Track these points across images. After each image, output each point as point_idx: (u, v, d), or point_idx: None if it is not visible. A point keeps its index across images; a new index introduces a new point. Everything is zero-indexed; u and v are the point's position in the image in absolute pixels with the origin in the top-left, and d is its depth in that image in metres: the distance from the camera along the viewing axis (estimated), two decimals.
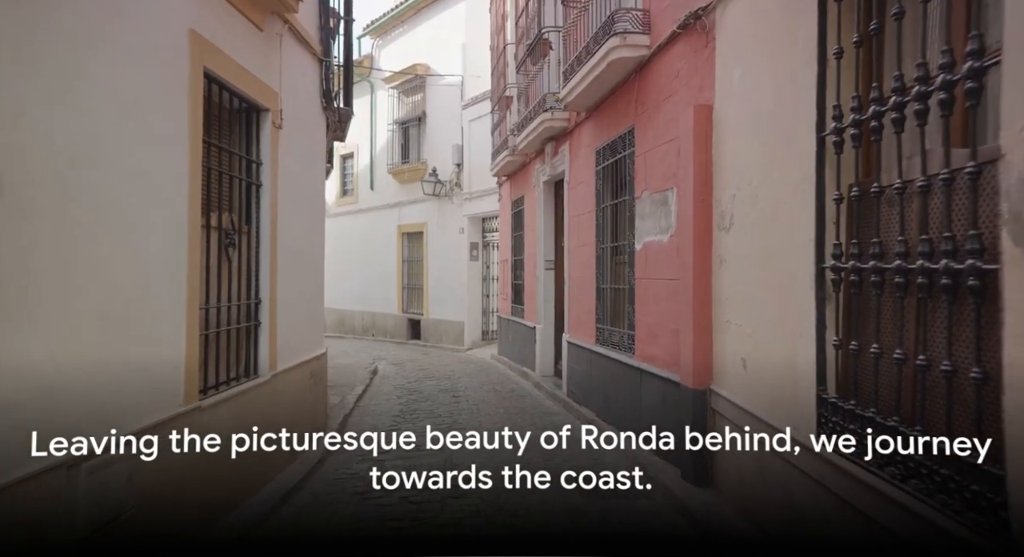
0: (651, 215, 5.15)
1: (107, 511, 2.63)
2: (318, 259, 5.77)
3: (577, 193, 7.31)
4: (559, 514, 3.93)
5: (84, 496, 2.47)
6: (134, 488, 2.75)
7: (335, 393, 7.82)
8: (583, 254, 7.04)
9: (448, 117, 14.49)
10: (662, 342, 4.90)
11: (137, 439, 2.62)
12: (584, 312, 6.97)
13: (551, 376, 8.96)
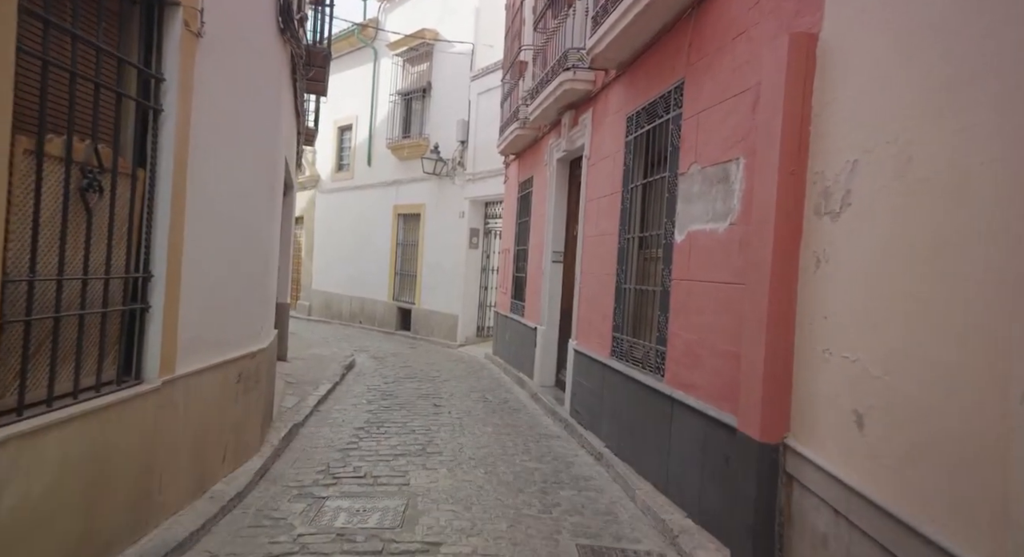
0: (701, 196, 3.88)
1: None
2: (267, 231, 4.50)
3: (598, 171, 6.03)
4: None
5: None
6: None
7: (296, 391, 6.58)
8: (601, 245, 5.77)
9: (455, 89, 13.20)
10: (708, 367, 3.64)
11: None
12: (598, 316, 5.70)
13: (551, 387, 7.71)
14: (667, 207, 4.39)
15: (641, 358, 4.72)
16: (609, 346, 5.35)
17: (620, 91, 5.52)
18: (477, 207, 12.83)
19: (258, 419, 4.34)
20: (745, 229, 3.33)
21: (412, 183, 14.33)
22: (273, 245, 4.77)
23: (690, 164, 4.06)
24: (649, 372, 4.52)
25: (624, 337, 5.07)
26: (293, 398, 6.27)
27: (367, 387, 7.59)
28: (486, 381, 8.60)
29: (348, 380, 7.99)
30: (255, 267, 4.23)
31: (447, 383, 8.20)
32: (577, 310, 6.40)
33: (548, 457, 5.08)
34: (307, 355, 9.31)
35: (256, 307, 4.31)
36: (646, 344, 4.64)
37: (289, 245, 8.06)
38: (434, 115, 13.85)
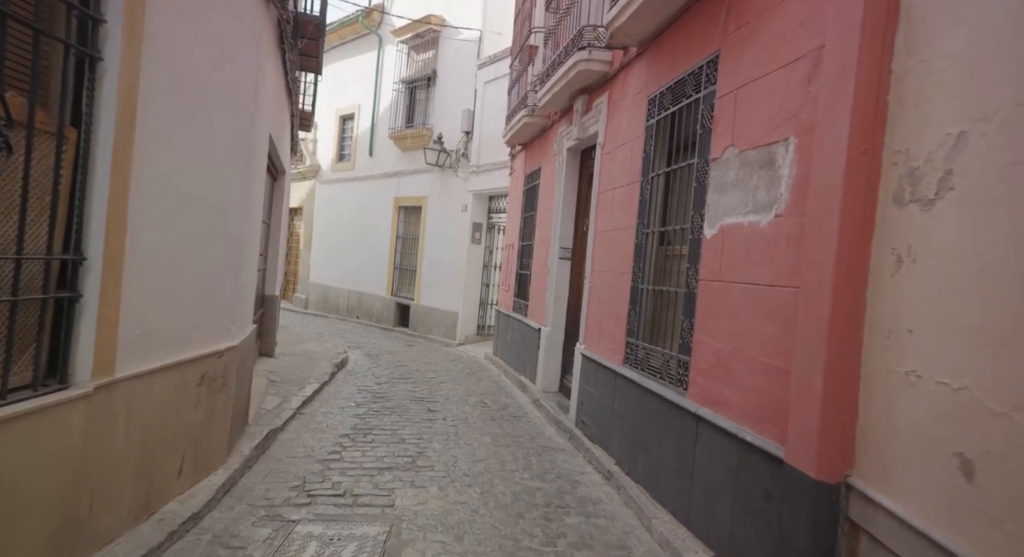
0: (738, 184, 3.36)
1: None
2: (243, 214, 3.98)
3: (614, 160, 5.51)
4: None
5: None
6: None
7: (279, 391, 6.07)
8: (616, 241, 5.25)
9: (461, 78, 12.67)
10: (743, 382, 3.12)
11: None
12: (610, 319, 5.18)
13: (555, 393, 7.19)
14: (695, 198, 3.87)
15: (660, 368, 4.20)
16: (622, 353, 4.83)
17: (641, 70, 5.00)
18: (481, 201, 12.31)
19: (226, 426, 3.83)
20: (796, 222, 2.81)
21: (414, 175, 13.82)
22: (250, 230, 4.25)
23: (724, 148, 3.54)
24: (669, 384, 4.00)
25: (640, 343, 4.55)
26: (275, 399, 5.77)
27: (357, 388, 7.08)
28: (485, 384, 8.09)
29: (338, 380, 7.48)
30: (225, 254, 3.71)
31: (443, 385, 7.69)
32: (586, 311, 5.88)
33: (551, 474, 4.56)
34: (297, 351, 8.80)
35: (227, 299, 3.80)
36: (666, 352, 4.12)
37: (279, 233, 7.55)
38: (438, 105, 13.33)
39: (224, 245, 3.66)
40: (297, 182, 18.23)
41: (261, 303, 7.31)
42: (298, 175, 18.08)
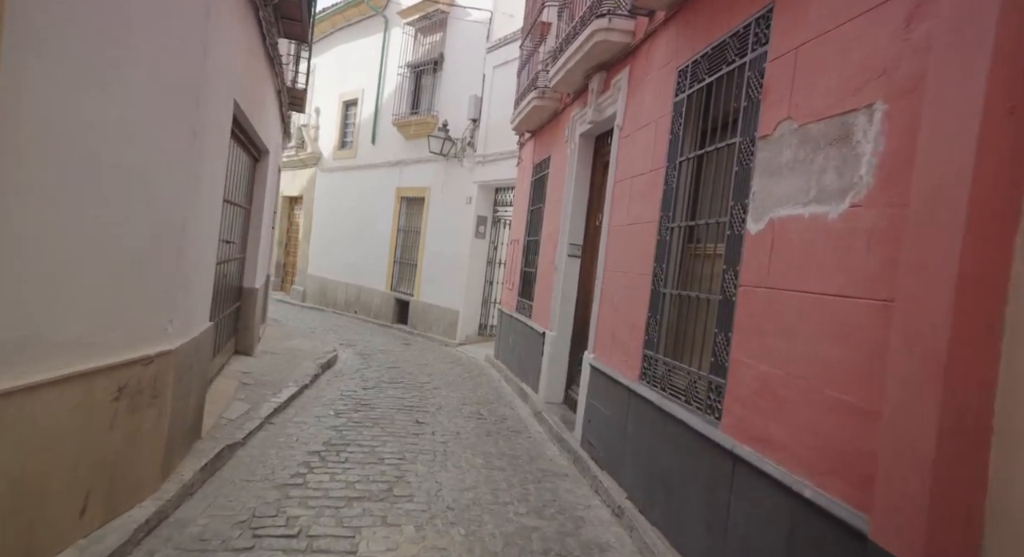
0: (797, 166, 2.65)
1: None
2: (186, 190, 3.30)
3: (634, 144, 4.81)
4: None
5: None
6: None
7: (250, 396, 5.42)
8: (634, 237, 4.55)
9: (469, 62, 11.97)
10: (800, 418, 2.42)
11: None
12: (624, 326, 4.49)
13: (559, 404, 6.51)
14: (735, 185, 3.16)
15: (685, 389, 3.50)
16: (638, 367, 4.14)
17: (670, 38, 4.29)
18: (486, 192, 11.62)
19: (158, 446, 3.16)
20: (884, 213, 2.11)
21: (417, 164, 13.15)
22: (201, 211, 3.57)
23: (778, 123, 2.84)
24: (697, 410, 3.30)
25: (660, 357, 3.86)
26: (242, 406, 5.11)
27: (341, 393, 6.41)
28: (483, 391, 7.41)
29: (321, 382, 6.82)
30: (157, 237, 3.04)
31: (437, 392, 7.01)
32: (597, 316, 5.19)
33: (552, 508, 3.88)
34: (282, 349, 8.15)
35: (161, 292, 3.13)
36: (693, 371, 3.42)
37: (262, 219, 6.89)
38: (445, 91, 12.64)
39: (154, 226, 2.99)
40: (298, 170, 17.61)
41: (238, 296, 6.66)
42: (299, 163, 17.46)
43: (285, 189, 18.22)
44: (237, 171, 5.54)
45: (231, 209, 5.45)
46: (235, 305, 6.52)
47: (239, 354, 6.85)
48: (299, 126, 17.48)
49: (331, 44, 17.06)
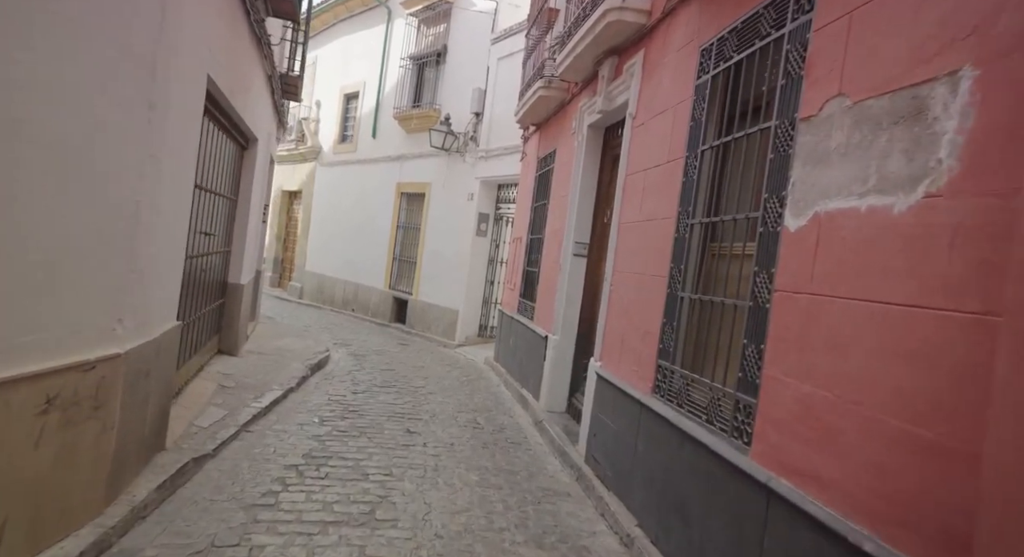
0: (852, 150, 2.24)
1: None
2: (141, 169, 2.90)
3: (648, 134, 4.40)
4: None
5: None
6: None
7: (228, 401, 5.02)
8: (647, 235, 4.15)
9: (473, 54, 11.57)
10: (857, 452, 2.00)
11: None
12: (636, 333, 4.08)
13: (561, 413, 6.10)
14: (770, 175, 2.75)
15: (706, 407, 3.09)
16: (651, 379, 3.73)
17: (691, 15, 3.88)
18: (488, 189, 11.22)
19: (103, 464, 2.75)
20: (975, 205, 1.70)
21: (418, 159, 12.75)
22: (161, 195, 3.17)
23: (825, 101, 2.42)
24: (721, 432, 2.89)
25: (676, 369, 3.45)
26: (218, 412, 4.70)
27: (328, 398, 6.01)
28: (481, 396, 7.00)
29: (309, 386, 6.42)
30: (101, 222, 2.63)
31: (433, 397, 6.61)
32: (604, 321, 4.77)
33: (553, 536, 3.47)
34: (270, 348, 7.75)
35: (106, 287, 2.73)
36: (716, 387, 3.01)
37: (249, 212, 6.49)
38: (448, 83, 12.24)
39: (97, 210, 2.58)
40: (298, 164, 17.23)
41: (221, 292, 6.26)
42: (298, 157, 17.08)
43: (284, 183, 17.86)
44: (218, 158, 5.14)
45: (211, 198, 5.05)
46: (218, 302, 6.12)
47: (223, 354, 6.46)
48: (299, 119, 17.10)
49: (333, 36, 16.67)
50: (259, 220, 7.62)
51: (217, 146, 5.01)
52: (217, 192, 5.31)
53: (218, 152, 5.09)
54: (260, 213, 7.62)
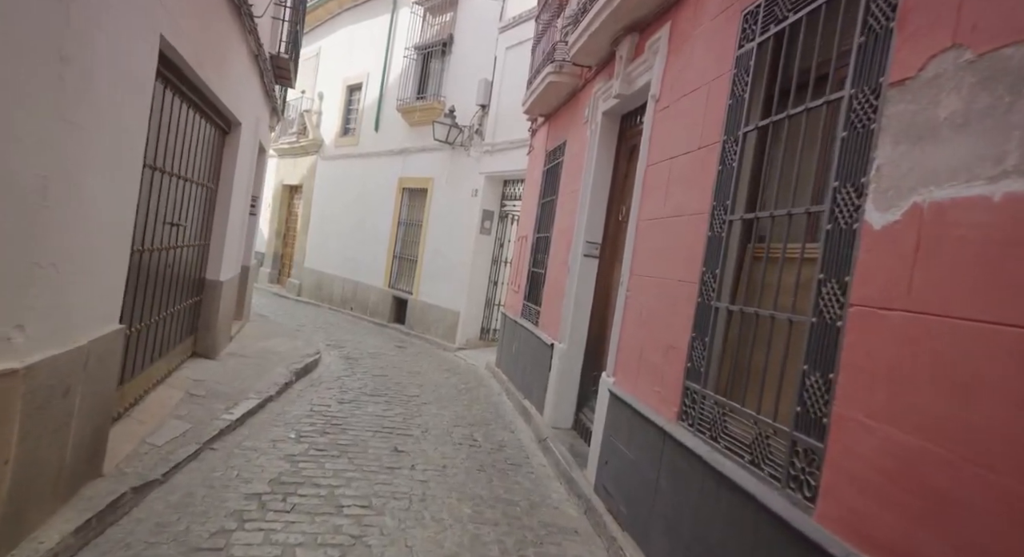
0: (975, 120, 1.66)
1: None
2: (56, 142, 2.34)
3: (675, 116, 3.82)
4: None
5: None
6: None
7: (194, 413, 4.48)
8: (673, 233, 3.57)
9: (480, 44, 11.01)
10: (984, 542, 1.43)
11: None
12: (657, 347, 3.50)
13: (568, 430, 5.52)
14: (843, 158, 2.17)
15: (751, 445, 2.50)
16: (676, 402, 3.15)
17: None
18: (493, 185, 10.65)
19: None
20: None
21: (421, 153, 12.20)
22: (86, 173, 2.61)
23: (930, 57, 1.84)
24: (772, 480, 2.30)
25: (709, 394, 2.87)
26: (179, 425, 4.15)
27: (311, 408, 5.45)
28: (480, 407, 6.43)
29: (291, 394, 5.86)
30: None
31: (426, 408, 6.04)
32: (619, 330, 4.20)
33: None
34: (254, 350, 7.20)
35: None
36: (764, 421, 2.43)
37: (230, 202, 5.94)
38: (453, 75, 11.68)
39: None
40: (299, 157, 16.72)
41: (197, 290, 5.71)
42: (299, 150, 16.56)
43: (285, 177, 17.34)
44: (189, 139, 4.59)
45: (179, 184, 4.50)
46: (192, 300, 5.57)
47: (198, 357, 5.90)
48: (301, 111, 16.59)
49: (337, 26, 16.14)
50: (245, 212, 7.08)
51: (186, 125, 4.46)
52: (189, 178, 4.76)
53: (188, 132, 4.54)
54: (246, 205, 7.08)
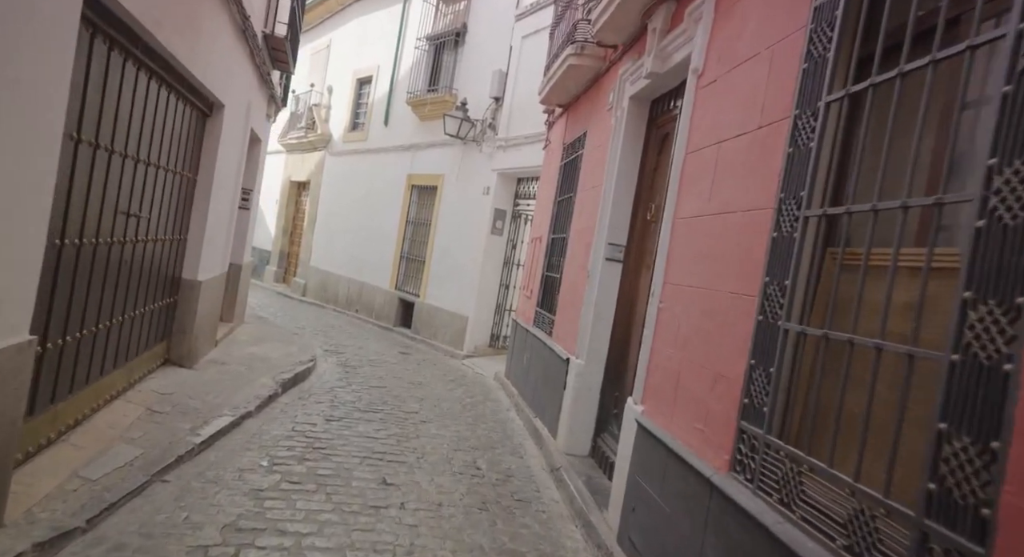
0: None
1: None
2: None
3: (724, 92, 3.14)
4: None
5: None
6: None
7: (152, 435, 3.88)
8: (721, 233, 2.89)
9: (494, 33, 10.38)
10: None
11: None
12: (701, 374, 2.82)
13: (584, 457, 4.85)
14: (1004, 124, 1.49)
15: (847, 524, 1.82)
16: (728, 447, 2.47)
17: None
18: (507, 182, 10.00)
19: None
20: None
21: (431, 148, 11.59)
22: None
23: None
24: None
25: (775, 443, 2.19)
26: (129, 452, 3.53)
27: (293, 427, 4.81)
28: (486, 427, 5.77)
29: (274, 409, 5.23)
30: None
31: (426, 427, 5.40)
32: (649, 349, 3.52)
33: None
34: (240, 357, 6.59)
35: None
36: (869, 495, 1.74)
37: (211, 192, 5.34)
38: (466, 66, 11.06)
39: None
40: (307, 153, 16.19)
41: (171, 290, 5.11)
42: (308, 145, 16.03)
43: (293, 174, 16.81)
44: (153, 118, 3.99)
45: (138, 169, 3.89)
46: (164, 301, 4.96)
47: (172, 365, 5.30)
48: (310, 106, 16.06)
49: (348, 17, 15.59)
50: (233, 205, 6.48)
51: (147, 100, 3.86)
52: (154, 163, 4.15)
53: (151, 109, 3.93)
54: (234, 198, 6.48)
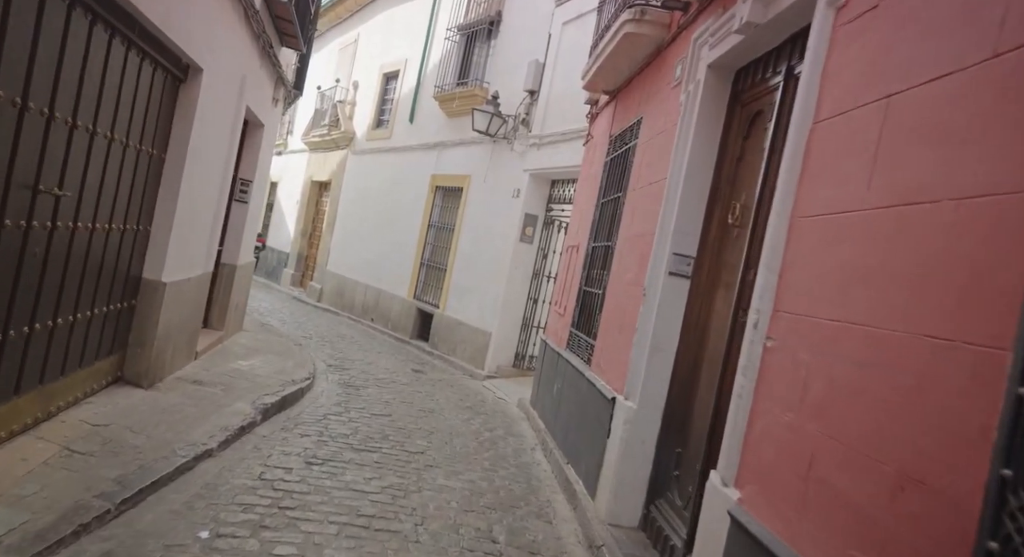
0: None
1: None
2: None
3: (899, 18, 2.06)
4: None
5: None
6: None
7: (55, 487, 2.89)
8: (902, 241, 1.79)
9: (532, 20, 9.42)
10: None
11: None
12: (865, 473, 1.71)
13: (634, 530, 3.72)
14: None
15: None
16: None
17: None
18: (539, 185, 8.98)
19: None
20: None
21: (458, 147, 10.64)
22: None
23: None
24: None
25: None
26: (10, 518, 2.53)
27: (262, 473, 3.78)
28: (507, 474, 4.69)
29: (245, 445, 4.21)
30: None
31: (432, 475, 4.34)
32: (748, 407, 2.42)
33: None
34: (221, 373, 5.61)
35: None
36: None
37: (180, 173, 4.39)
38: (499, 57, 10.11)
39: None
40: (329, 152, 15.40)
41: (130, 292, 4.15)
42: (330, 143, 15.23)
43: (315, 173, 16.04)
44: (88, 67, 3.04)
45: (62, 131, 2.94)
46: (116, 306, 4.00)
47: (125, 384, 4.32)
48: (335, 102, 15.27)
49: (376, 10, 14.81)
50: (221, 195, 5.54)
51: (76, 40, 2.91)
52: (94, 130, 3.20)
53: (92, 61, 2.98)
54: (223, 185, 5.54)
